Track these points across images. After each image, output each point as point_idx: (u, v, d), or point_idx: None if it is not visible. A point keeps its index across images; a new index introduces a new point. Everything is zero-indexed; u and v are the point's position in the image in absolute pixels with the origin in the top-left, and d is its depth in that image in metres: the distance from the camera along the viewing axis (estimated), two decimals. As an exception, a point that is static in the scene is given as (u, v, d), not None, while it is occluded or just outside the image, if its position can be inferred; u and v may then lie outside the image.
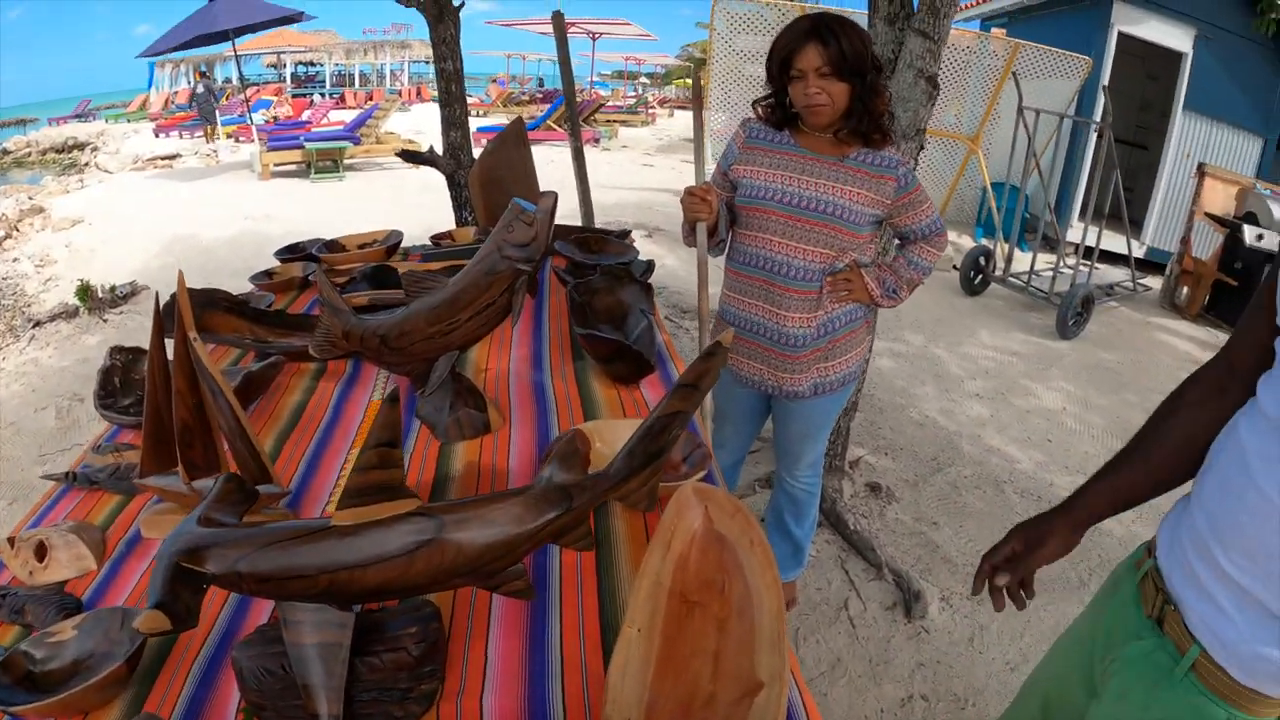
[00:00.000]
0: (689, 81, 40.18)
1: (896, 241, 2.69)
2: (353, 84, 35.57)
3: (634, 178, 14.63)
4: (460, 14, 4.73)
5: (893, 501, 4.14)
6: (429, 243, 3.45)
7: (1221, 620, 1.21)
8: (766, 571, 1.23)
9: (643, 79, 52.53)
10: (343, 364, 2.26)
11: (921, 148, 3.38)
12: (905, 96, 3.28)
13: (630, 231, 3.31)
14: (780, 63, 2.32)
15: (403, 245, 3.31)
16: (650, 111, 30.22)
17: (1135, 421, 1.58)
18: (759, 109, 2.53)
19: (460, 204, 4.70)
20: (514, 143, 3.49)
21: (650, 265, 2.80)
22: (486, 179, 3.36)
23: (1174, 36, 11.38)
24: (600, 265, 2.63)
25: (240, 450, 1.46)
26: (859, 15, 3.29)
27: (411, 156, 4.67)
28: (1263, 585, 1.15)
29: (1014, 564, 1.56)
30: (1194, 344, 8.11)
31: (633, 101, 32.74)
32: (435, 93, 4.49)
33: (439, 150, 4.86)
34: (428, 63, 39.96)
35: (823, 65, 2.24)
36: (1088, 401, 6.09)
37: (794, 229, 2.40)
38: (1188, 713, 1.27)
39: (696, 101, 2.68)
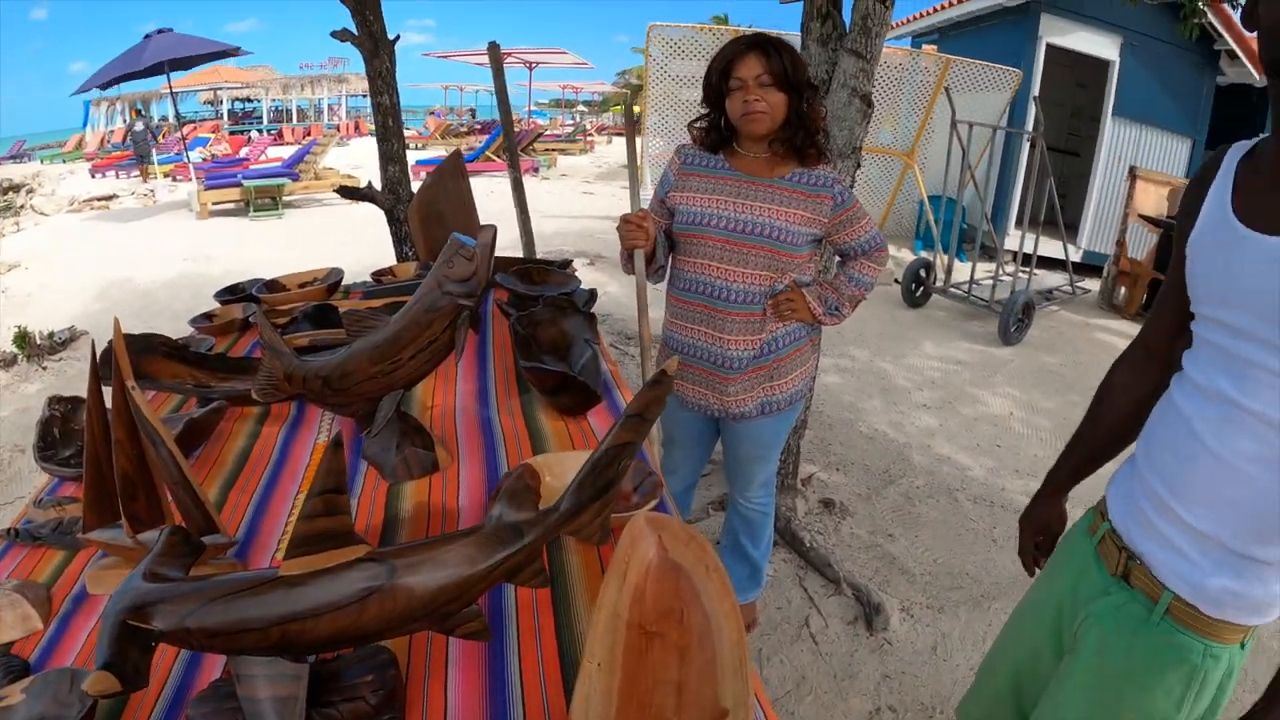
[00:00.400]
0: (635, 108, 40.45)
1: (837, 259, 2.71)
2: (290, 119, 35.29)
3: (574, 206, 14.67)
4: (397, 46, 4.72)
5: (847, 516, 4.16)
6: (370, 279, 3.43)
7: (1187, 565, 1.39)
8: (725, 598, 1.23)
9: (580, 107, 52.78)
10: (287, 406, 2.22)
11: (858, 165, 3.42)
12: (840, 115, 3.32)
13: (572, 261, 3.32)
14: (720, 73, 2.36)
15: (344, 283, 3.28)
16: (588, 139, 30.40)
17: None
18: (694, 130, 2.56)
19: (400, 239, 4.68)
20: (452, 176, 3.48)
21: (593, 294, 2.80)
22: (426, 213, 3.34)
23: (1101, 45, 11.66)
24: (543, 296, 2.63)
25: (184, 501, 1.44)
26: (794, 37, 3.33)
27: (350, 193, 4.63)
28: (1223, 528, 1.34)
29: (1043, 547, 1.91)
30: (1134, 341, 8.26)
31: (571, 129, 32.87)
32: (373, 127, 4.47)
33: (377, 185, 4.83)
34: (365, 97, 39.68)
35: (763, 73, 2.30)
36: (1034, 405, 6.18)
37: (733, 253, 2.41)
38: (1167, 651, 1.44)
39: (630, 131, 2.70)
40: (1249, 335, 1.30)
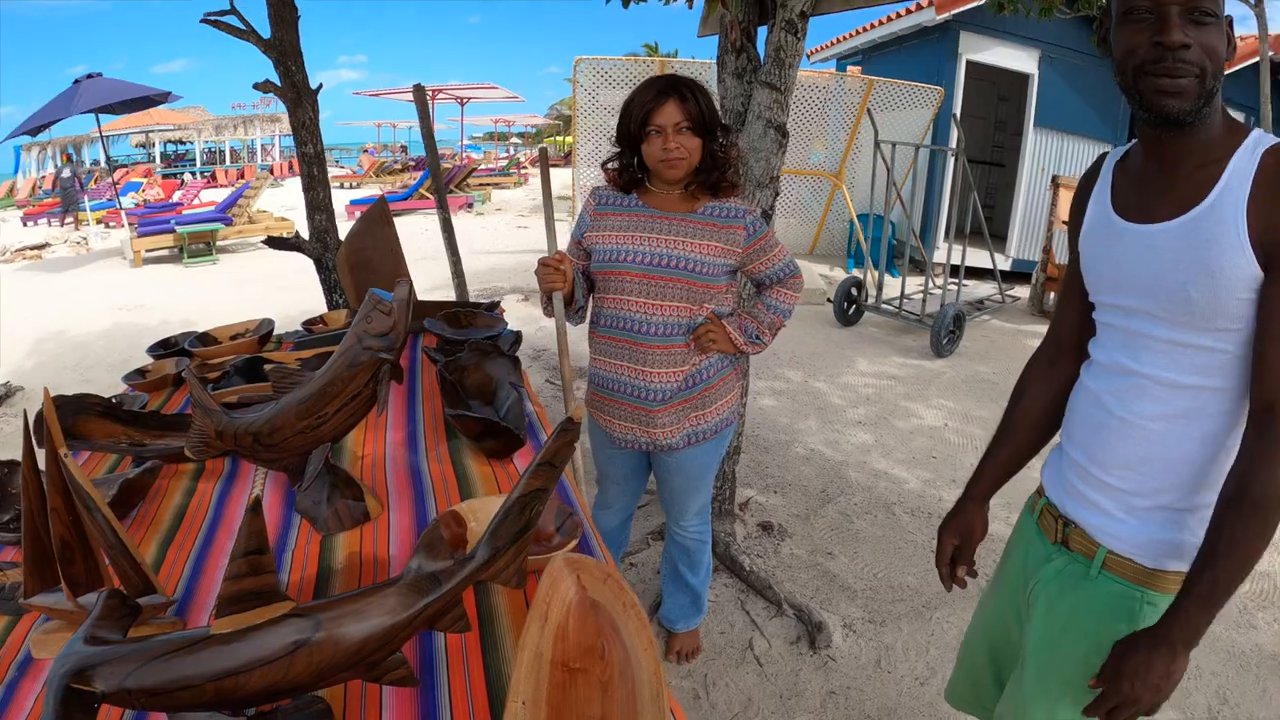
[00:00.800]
0: (561, 139, 40.43)
1: (753, 288, 2.79)
2: (224, 161, 34.85)
3: (509, 240, 14.66)
4: (332, 82, 4.73)
5: (786, 538, 4.21)
6: (301, 328, 3.45)
7: (1115, 523, 1.57)
8: (642, 632, 1.28)
9: (514, 139, 52.75)
10: (221, 462, 2.23)
11: (777, 194, 3.48)
12: (757, 147, 3.38)
13: (500, 303, 3.35)
14: (639, 120, 2.41)
15: (276, 331, 3.29)
16: (522, 172, 30.34)
17: (1016, 425, 1.88)
18: (607, 171, 2.62)
19: (330, 287, 4.68)
20: (379, 222, 3.52)
21: (518, 337, 2.84)
22: (355, 261, 3.38)
23: (1020, 59, 11.93)
24: (468, 341, 2.67)
25: (120, 563, 1.46)
26: (711, 63, 3.41)
27: (278, 243, 4.63)
28: (1142, 484, 1.53)
29: (963, 553, 1.96)
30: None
31: (505, 163, 32.81)
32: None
33: (305, 234, 4.84)
34: None
35: (682, 120, 2.37)
36: (968, 415, 6.29)
37: (652, 287, 2.47)
38: (1106, 602, 1.59)
39: (544, 171, 2.75)
40: (1138, 312, 1.50)
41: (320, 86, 4.67)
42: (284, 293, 9.91)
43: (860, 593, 3.79)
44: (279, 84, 4.56)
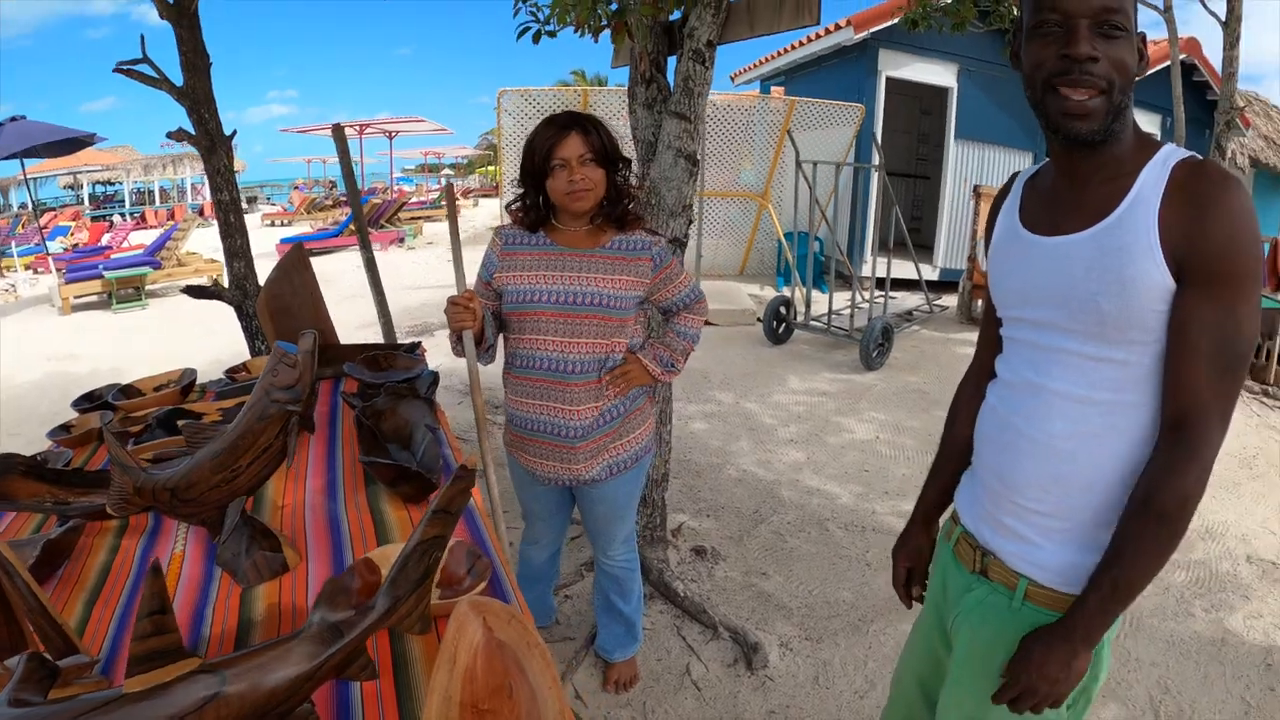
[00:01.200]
0: (491, 169, 40.39)
1: (660, 316, 2.84)
2: (153, 201, 34.27)
3: (441, 274, 14.58)
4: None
5: (720, 561, 4.24)
6: (224, 376, 3.43)
7: (1034, 550, 1.54)
8: (546, 671, 1.31)
9: (446, 171, 52.64)
10: (144, 518, 2.20)
11: (690, 222, 3.54)
12: (668, 176, 3.43)
13: (420, 344, 3.36)
14: (542, 156, 2.45)
15: (202, 379, 3.27)
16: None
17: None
18: (512, 212, 2.65)
19: (252, 334, 4.66)
20: (297, 268, 3.50)
21: (435, 378, 2.86)
22: (274, 308, 3.36)
23: (938, 74, 12.21)
24: (384, 385, 2.68)
25: (41, 625, 1.46)
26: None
27: (197, 292, 4.59)
28: (1058, 506, 1.50)
29: (916, 574, 1.99)
30: (994, 352, 8.55)
31: (436, 195, 32.66)
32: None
33: (225, 282, 4.81)
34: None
35: (585, 152, 2.42)
36: (899, 426, 6.38)
37: (565, 325, 2.50)
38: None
39: (451, 211, 2.77)
40: (1048, 325, 1.49)
41: (234, 133, 4.66)
42: (214, 337, 9.79)
43: (796, 611, 3.83)
44: (193, 132, 4.55)
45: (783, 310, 8.98)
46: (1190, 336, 1.33)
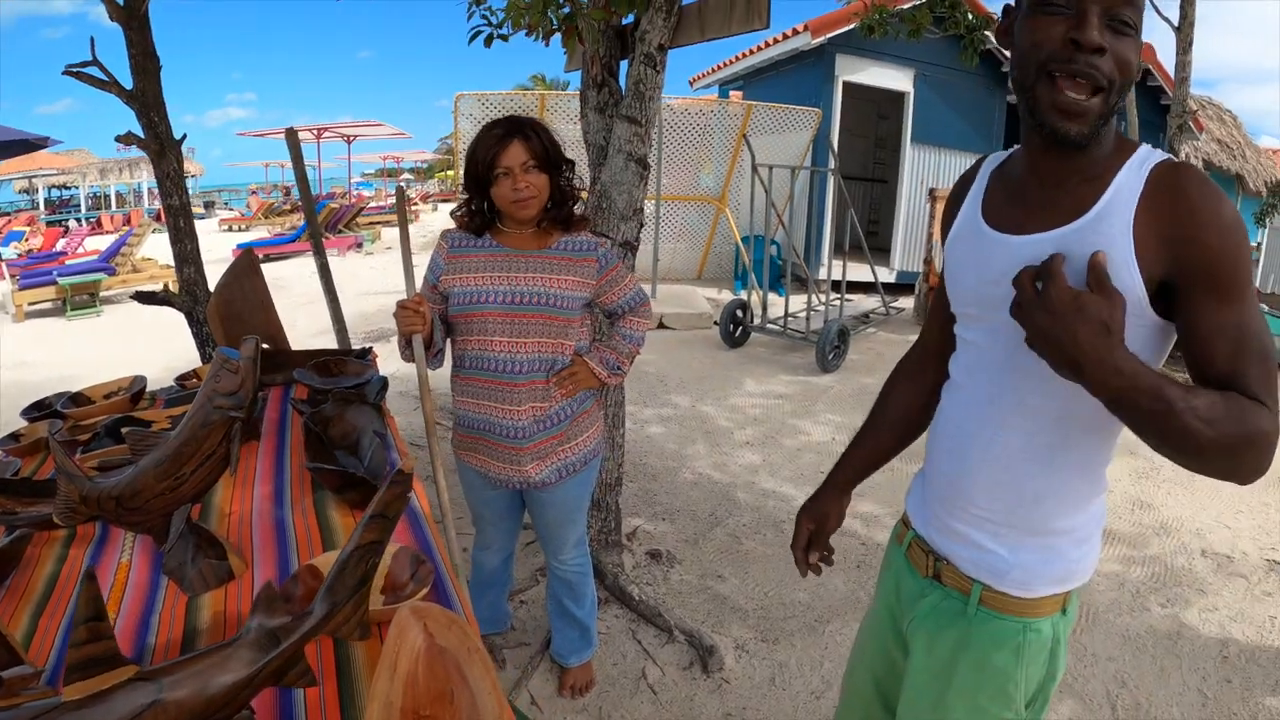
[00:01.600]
0: (451, 174, 40.27)
1: (605, 319, 2.85)
2: (109, 206, 33.89)
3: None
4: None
5: (675, 564, 4.24)
6: (175, 384, 3.40)
7: (988, 556, 1.51)
8: (486, 676, 1.30)
9: (406, 175, 52.45)
10: (92, 527, 2.18)
11: (641, 225, 3.54)
12: (618, 180, 3.44)
13: (371, 349, 3.34)
14: (486, 165, 2.45)
15: (153, 387, 3.23)
16: (413, 209, 30.08)
17: (903, 434, 1.91)
18: (457, 218, 2.66)
19: (203, 341, 4.62)
20: (247, 274, 3.48)
21: (384, 384, 2.84)
22: (225, 314, 3.34)
23: (895, 79, 12.36)
24: (333, 391, 2.66)
25: (-14, 636, 1.45)
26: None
27: (147, 298, 4.54)
28: (1011, 513, 1.48)
29: (817, 539, 1.98)
30: (949, 353, 8.64)
31: (395, 200, 32.41)
32: (195, 209, 4.41)
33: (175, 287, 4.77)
34: (187, 176, 38.30)
35: (528, 159, 2.42)
36: (854, 427, 6.34)
37: (512, 325, 2.51)
38: (987, 638, 1.54)
39: (401, 216, 2.76)
40: (1005, 330, 1.39)
41: (184, 137, 4.62)
42: (170, 342, 9.67)
43: (751, 613, 3.84)
44: (142, 136, 4.50)
45: (739, 313, 9.02)
46: (1216, 344, 1.23)
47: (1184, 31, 8.43)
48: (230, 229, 25.04)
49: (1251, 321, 1.23)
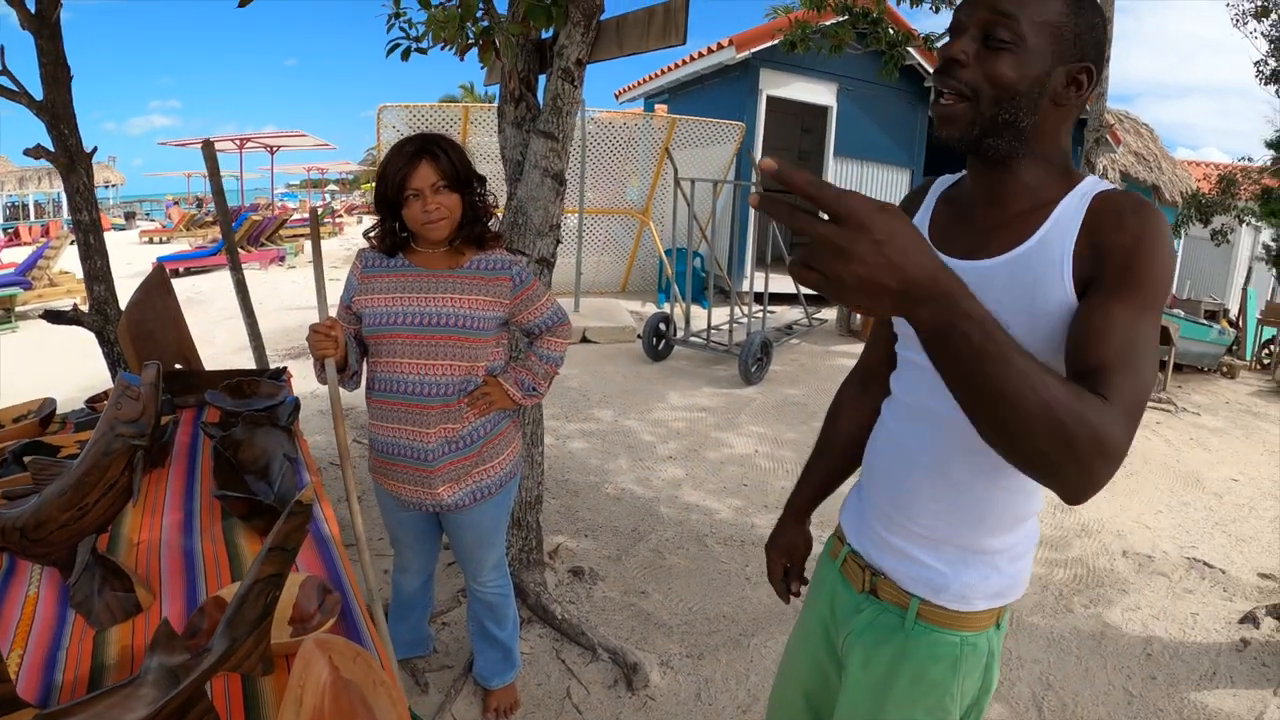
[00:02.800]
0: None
1: (524, 339, 2.83)
2: (27, 216, 33.00)
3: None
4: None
5: (598, 581, 4.22)
6: (85, 406, 3.31)
7: (927, 571, 1.52)
8: (393, 709, 1.28)
9: (332, 186, 51.91)
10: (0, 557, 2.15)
11: (558, 242, 3.52)
12: (534, 195, 3.42)
13: (285, 369, 3.28)
14: (395, 186, 2.42)
15: (64, 410, 3.14)
16: (338, 221, 29.67)
17: (828, 445, 1.91)
18: (370, 239, 2.63)
19: (114, 361, 4.50)
20: (158, 291, 3.41)
21: (297, 405, 2.79)
22: (136, 332, 3.26)
23: (818, 93, 12.55)
24: (243, 414, 2.61)
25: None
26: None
27: (55, 318, 4.43)
28: (952, 531, 1.49)
29: (793, 569, 2.01)
30: (873, 361, 8.76)
31: (320, 212, 32.00)
32: (115, 220, 4.27)
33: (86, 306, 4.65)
34: (107, 186, 37.50)
35: (438, 180, 2.39)
36: (778, 439, 6.46)
37: (423, 347, 2.49)
38: (925, 651, 1.55)
39: (315, 237, 2.72)
40: None
41: (94, 150, 4.52)
42: (89, 360, 9.46)
43: (676, 628, 3.83)
44: (51, 148, 4.39)
45: (662, 326, 9.04)
46: (1094, 329, 1.20)
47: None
48: (151, 241, 24.50)
49: (1143, 334, 1.20)
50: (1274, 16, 13.41)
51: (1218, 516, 5.64)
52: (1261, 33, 13.81)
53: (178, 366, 3.41)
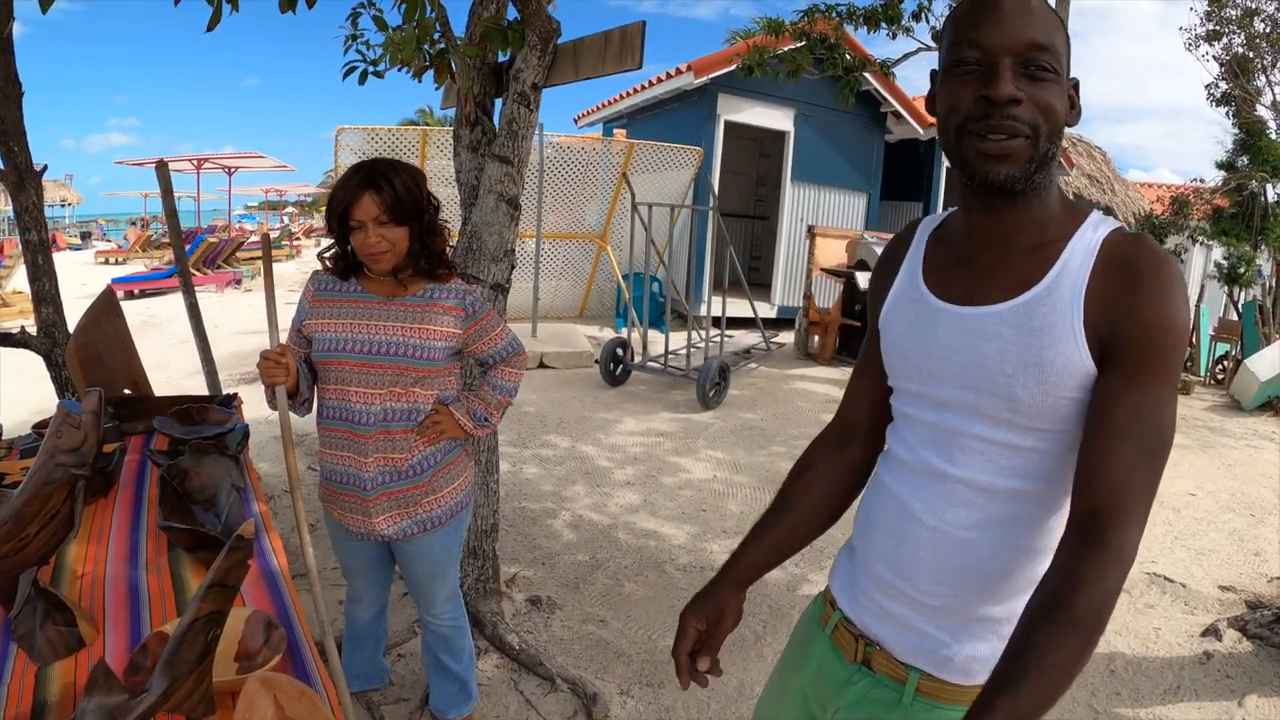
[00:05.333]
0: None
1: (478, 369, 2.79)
2: (-18, 234, 32.49)
3: (279, 317, 14.25)
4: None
5: (556, 610, 4.17)
6: (31, 432, 3.24)
7: (929, 642, 1.39)
8: (340, 748, 1.25)
9: (290, 208, 51.62)
10: None
11: (513, 267, 3.50)
12: (489, 220, 3.40)
13: (236, 395, 3.24)
14: (339, 216, 2.39)
15: (11, 435, 3.07)
16: (295, 244, 29.44)
17: (785, 470, 1.71)
18: (323, 261, 2.59)
19: (62, 385, 4.42)
20: (107, 314, 3.36)
21: (246, 433, 2.75)
22: (84, 355, 3.21)
23: (776, 118, 12.68)
24: (190, 441, 2.56)
25: None
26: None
27: (2, 339, 4.34)
28: (955, 598, 1.36)
29: (708, 643, 1.59)
30: (831, 384, 9.00)
31: (276, 235, 31.79)
32: (71, 240, 4.19)
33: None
34: (63, 205, 36.93)
35: (380, 213, 2.35)
36: (736, 464, 6.45)
37: (370, 375, 2.45)
38: None
39: (266, 262, 2.68)
40: (954, 406, 1.34)
41: (45, 168, 4.44)
42: (39, 382, 9.28)
43: (635, 657, 3.79)
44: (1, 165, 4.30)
45: (619, 351, 9.02)
46: (1115, 422, 1.19)
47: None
48: (107, 261, 24.16)
49: (1162, 411, 1.19)
50: (1225, 40, 13.73)
51: (1177, 531, 5.71)
52: (1213, 56, 14.17)
53: (126, 392, 3.35)
